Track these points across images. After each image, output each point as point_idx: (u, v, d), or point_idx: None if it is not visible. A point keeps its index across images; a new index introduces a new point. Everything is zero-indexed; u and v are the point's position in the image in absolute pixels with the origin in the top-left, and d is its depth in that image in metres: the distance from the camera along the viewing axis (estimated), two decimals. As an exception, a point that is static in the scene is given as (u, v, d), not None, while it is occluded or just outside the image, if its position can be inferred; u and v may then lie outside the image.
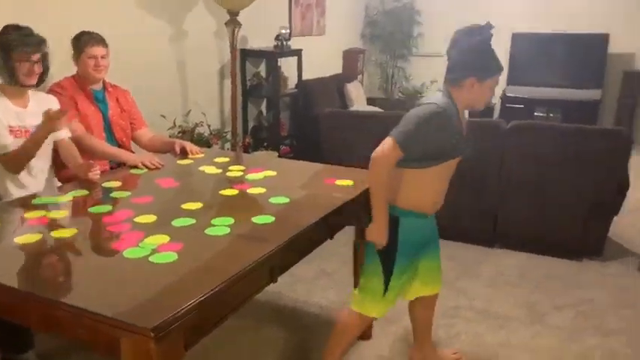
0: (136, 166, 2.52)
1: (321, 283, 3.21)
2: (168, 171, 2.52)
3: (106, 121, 2.80)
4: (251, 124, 5.12)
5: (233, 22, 4.15)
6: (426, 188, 1.99)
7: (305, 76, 5.55)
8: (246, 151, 4.64)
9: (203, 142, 3.93)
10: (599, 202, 3.33)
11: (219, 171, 2.49)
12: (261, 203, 2.07)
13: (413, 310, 2.34)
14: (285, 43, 5.03)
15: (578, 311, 2.89)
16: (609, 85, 6.71)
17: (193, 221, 1.85)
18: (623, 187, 3.33)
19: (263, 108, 5.28)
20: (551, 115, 6.61)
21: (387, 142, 1.86)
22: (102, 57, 2.69)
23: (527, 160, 3.43)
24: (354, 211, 2.29)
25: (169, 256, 1.58)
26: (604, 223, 3.42)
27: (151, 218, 1.89)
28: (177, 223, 1.84)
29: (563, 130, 3.45)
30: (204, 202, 2.04)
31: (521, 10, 6.98)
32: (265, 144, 5.06)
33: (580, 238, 3.43)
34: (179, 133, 3.88)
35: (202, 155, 2.75)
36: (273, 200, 2.08)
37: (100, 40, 2.70)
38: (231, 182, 2.31)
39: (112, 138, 2.81)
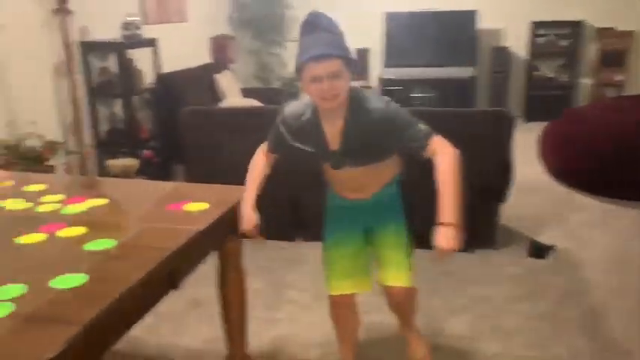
0: None
1: (191, 317, 2.71)
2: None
3: None
4: (104, 128, 4.42)
5: (62, 10, 3.46)
6: (331, 179, 1.95)
7: (168, 69, 4.94)
8: (98, 160, 3.97)
9: (34, 158, 3.23)
10: (486, 188, 3.13)
11: (29, 205, 1.89)
12: (72, 253, 1.53)
13: None
14: (135, 32, 4.39)
15: (475, 314, 2.66)
16: (481, 62, 6.77)
17: (-41, 299, 1.28)
18: (507, 171, 3.16)
19: (118, 109, 4.59)
20: (428, 95, 6.54)
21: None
22: None
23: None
24: (210, 241, 1.82)
25: None
26: (493, 211, 3.25)
27: None
28: None
29: (442, 115, 3.19)
30: (-13, 262, 1.46)
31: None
32: (124, 150, 4.41)
33: (470, 228, 3.21)
34: (4, 149, 3.15)
35: (10, 183, 2.12)
36: (90, 246, 1.54)
37: None
38: (39, 222, 1.73)
39: None
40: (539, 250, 3.18)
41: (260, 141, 2.70)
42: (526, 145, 5.11)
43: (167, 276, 1.53)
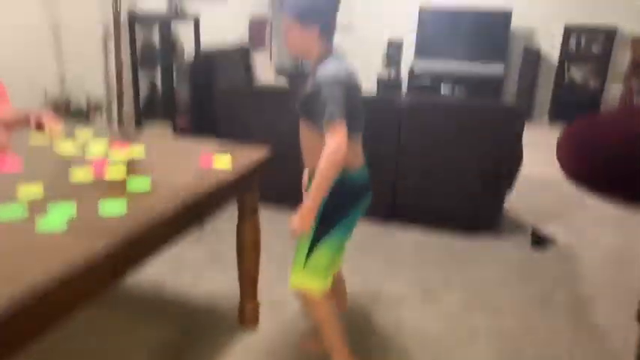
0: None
1: (210, 267, 2.99)
2: (15, 150, 2.17)
3: None
4: (144, 95, 4.73)
5: (115, -19, 3.75)
6: None
7: (207, 44, 5.21)
8: (136, 123, 4.27)
9: (81, 116, 3.54)
10: (494, 176, 3.33)
11: (78, 148, 2.17)
12: (115, 188, 1.80)
13: None
14: (179, 6, 4.66)
15: (469, 290, 2.87)
16: (512, 61, 6.88)
17: (24, 213, 1.56)
18: (516, 162, 3.34)
19: (158, 79, 4.89)
20: (457, 90, 6.69)
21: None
22: None
23: (422, 136, 3.36)
24: (232, 191, 2.08)
25: (-23, 258, 1.29)
26: (498, 198, 3.44)
27: (-29, 209, 1.57)
28: (4, 214, 1.54)
29: (458, 106, 3.40)
30: (46, 190, 1.74)
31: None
32: (159, 117, 4.70)
33: (475, 213, 3.44)
34: (52, 105, 3.47)
35: (61, 129, 2.40)
36: (130, 184, 1.81)
37: None
38: (88, 163, 2.01)
39: None
40: (540, 240, 3.36)
41: (284, 120, 2.76)
42: (547, 146, 5.26)
43: (193, 214, 1.79)
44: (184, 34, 4.87)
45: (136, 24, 4.42)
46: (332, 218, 1.87)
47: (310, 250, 1.88)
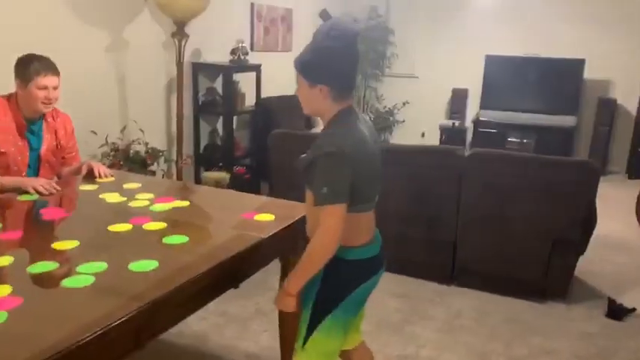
0: (27, 192, 2.17)
1: (254, 324, 2.87)
2: (63, 198, 2.18)
3: (33, 158, 2.41)
4: (204, 143, 4.80)
5: (180, 34, 3.86)
6: None
7: (269, 94, 5.26)
8: (195, 170, 4.31)
9: (139, 163, 3.59)
10: (564, 238, 3.05)
11: (123, 199, 2.15)
12: (151, 243, 1.74)
13: None
14: (242, 57, 4.74)
15: (536, 364, 2.59)
16: (584, 112, 6.52)
17: (55, 266, 1.52)
18: (589, 224, 3.05)
19: (219, 126, 4.96)
20: (525, 140, 6.39)
21: None
22: (54, 88, 2.34)
23: (486, 191, 3.14)
24: (273, 250, 1.97)
25: (-6, 318, 1.24)
26: (569, 262, 3.13)
27: (5, 261, 1.54)
28: (34, 269, 1.50)
29: (526, 160, 3.17)
30: (82, 241, 1.70)
31: (495, 33, 6.78)
32: (220, 164, 4.74)
33: (543, 277, 3.14)
34: (112, 151, 3.55)
35: (112, 179, 2.41)
36: (167, 240, 1.75)
37: (53, 69, 2.34)
38: (129, 214, 1.97)
39: (34, 175, 2.40)
40: (616, 309, 3.02)
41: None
42: (624, 203, 4.86)
43: (229, 275, 1.69)
44: (246, 82, 4.94)
45: (199, 74, 4.53)
46: (331, 300, 1.64)
47: (309, 332, 1.67)
